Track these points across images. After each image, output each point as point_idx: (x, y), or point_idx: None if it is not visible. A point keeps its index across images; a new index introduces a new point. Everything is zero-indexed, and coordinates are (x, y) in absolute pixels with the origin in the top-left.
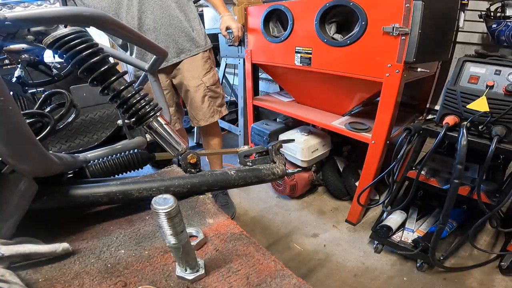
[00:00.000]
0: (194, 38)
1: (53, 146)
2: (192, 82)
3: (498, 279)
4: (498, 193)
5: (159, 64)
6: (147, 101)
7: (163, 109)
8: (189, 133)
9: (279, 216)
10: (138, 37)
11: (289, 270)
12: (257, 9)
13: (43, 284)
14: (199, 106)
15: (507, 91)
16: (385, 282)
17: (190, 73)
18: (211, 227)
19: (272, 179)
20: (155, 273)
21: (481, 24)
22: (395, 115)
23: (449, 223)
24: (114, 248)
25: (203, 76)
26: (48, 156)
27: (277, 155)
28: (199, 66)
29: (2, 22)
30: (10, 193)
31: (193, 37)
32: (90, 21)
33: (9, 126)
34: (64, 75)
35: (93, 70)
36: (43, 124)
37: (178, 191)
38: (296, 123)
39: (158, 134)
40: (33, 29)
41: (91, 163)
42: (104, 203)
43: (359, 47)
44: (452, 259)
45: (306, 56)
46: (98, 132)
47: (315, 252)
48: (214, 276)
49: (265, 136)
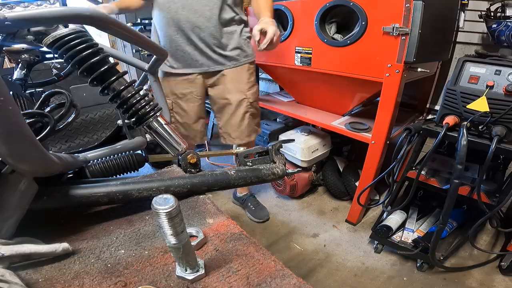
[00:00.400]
0: (242, 46)
1: (53, 146)
2: (235, 96)
3: (498, 279)
4: (498, 193)
5: (159, 64)
6: (147, 101)
7: (163, 109)
8: None
9: (279, 216)
10: (138, 37)
11: (289, 270)
12: None
13: (43, 284)
14: (237, 123)
15: (507, 91)
16: (385, 282)
17: (234, 85)
18: (211, 227)
19: (272, 179)
20: (155, 273)
21: (481, 24)
22: (395, 115)
23: (449, 223)
24: (114, 248)
25: (247, 90)
26: (48, 156)
27: (277, 155)
28: (244, 79)
29: (2, 22)
30: (10, 193)
31: (242, 45)
32: (90, 21)
33: (9, 126)
34: (64, 75)
35: (93, 70)
36: (43, 124)
37: (178, 191)
38: (296, 123)
39: (158, 134)
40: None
41: (91, 163)
42: (104, 203)
43: (359, 47)
44: (452, 259)
45: (306, 56)
46: (98, 132)
47: (315, 252)
48: (214, 276)
49: (265, 136)
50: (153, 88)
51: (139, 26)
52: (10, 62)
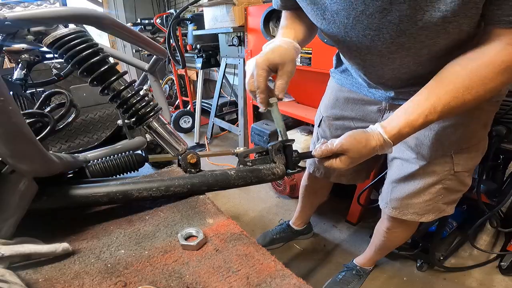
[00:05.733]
0: None
1: (53, 146)
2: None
3: (498, 279)
4: (498, 193)
5: (159, 64)
6: (147, 101)
7: (163, 109)
8: (189, 133)
9: (279, 216)
10: (138, 37)
11: (289, 270)
12: (257, 9)
13: (43, 284)
14: (412, 193)
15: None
16: (385, 282)
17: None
18: (211, 227)
19: (272, 179)
20: (155, 273)
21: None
22: None
23: (449, 223)
24: (114, 248)
25: (459, 150)
26: (48, 156)
27: (277, 155)
28: (463, 134)
29: (2, 22)
30: (10, 193)
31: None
32: (90, 21)
33: (9, 126)
34: (64, 75)
35: (93, 70)
36: (43, 124)
37: (178, 191)
38: (296, 123)
39: (158, 134)
40: (33, 29)
41: (91, 163)
42: (104, 203)
43: None
44: (452, 259)
45: (306, 56)
46: (98, 132)
47: (315, 252)
48: (214, 276)
49: (265, 136)
50: (153, 88)
51: (139, 26)
52: (10, 62)
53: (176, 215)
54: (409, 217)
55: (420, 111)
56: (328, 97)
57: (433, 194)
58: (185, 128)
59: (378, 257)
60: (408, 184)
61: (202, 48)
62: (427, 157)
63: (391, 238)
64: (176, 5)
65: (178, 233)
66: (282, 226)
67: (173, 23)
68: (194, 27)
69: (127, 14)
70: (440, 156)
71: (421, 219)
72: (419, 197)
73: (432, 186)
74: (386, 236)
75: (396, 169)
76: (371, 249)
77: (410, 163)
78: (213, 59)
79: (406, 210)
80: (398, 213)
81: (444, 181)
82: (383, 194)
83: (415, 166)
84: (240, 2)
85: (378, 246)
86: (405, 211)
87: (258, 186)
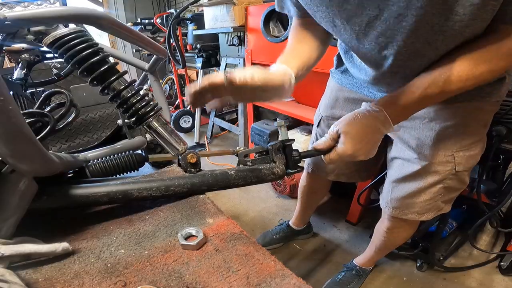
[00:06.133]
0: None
1: (53, 146)
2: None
3: (498, 279)
4: (498, 193)
5: (159, 63)
6: (147, 100)
7: (163, 108)
8: (189, 133)
9: (279, 216)
10: (138, 37)
11: (289, 270)
12: (257, 9)
13: (43, 284)
14: (412, 192)
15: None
16: (385, 282)
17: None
18: (211, 227)
19: (272, 179)
20: (155, 272)
21: None
22: None
23: (449, 223)
24: (114, 248)
25: (460, 149)
26: (48, 156)
27: (277, 154)
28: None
29: (2, 22)
30: (10, 192)
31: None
32: (90, 20)
33: (9, 126)
34: (64, 75)
35: (93, 70)
36: (43, 123)
37: (178, 191)
38: (296, 123)
39: (158, 133)
40: (33, 29)
41: (91, 162)
42: (104, 203)
43: None
44: (452, 259)
45: None
46: (98, 132)
47: (315, 252)
48: (214, 275)
49: (265, 136)
50: (153, 88)
51: (139, 26)
52: (10, 61)
53: (176, 215)
54: (409, 217)
55: (418, 84)
56: (328, 97)
57: (434, 194)
58: (185, 127)
59: (378, 257)
60: (409, 183)
61: (202, 48)
62: (429, 157)
63: (391, 238)
64: (176, 5)
65: (178, 233)
66: (282, 226)
67: (173, 22)
68: (194, 27)
69: (127, 13)
70: (442, 156)
71: (421, 218)
72: (420, 196)
73: (433, 185)
74: (386, 236)
75: (396, 169)
76: (371, 249)
77: (411, 163)
78: (213, 59)
79: (406, 210)
80: (399, 212)
81: (445, 180)
82: (384, 194)
83: (416, 166)
84: (240, 2)
85: (378, 246)
86: (405, 210)
87: (258, 186)
